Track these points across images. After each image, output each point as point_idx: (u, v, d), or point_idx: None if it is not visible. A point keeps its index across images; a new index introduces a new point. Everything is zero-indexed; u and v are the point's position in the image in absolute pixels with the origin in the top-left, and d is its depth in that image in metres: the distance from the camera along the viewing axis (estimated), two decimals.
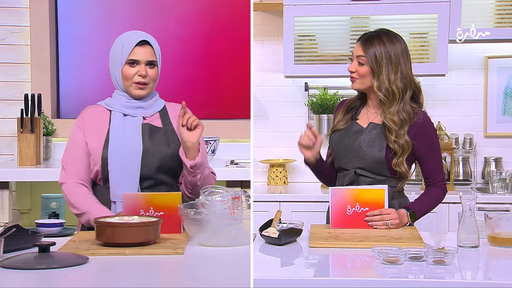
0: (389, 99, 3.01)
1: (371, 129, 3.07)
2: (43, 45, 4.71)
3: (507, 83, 4.57)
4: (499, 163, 4.52)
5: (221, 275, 2.32)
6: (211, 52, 4.78)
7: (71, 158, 3.02)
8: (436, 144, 3.09)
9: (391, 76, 3.01)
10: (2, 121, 4.71)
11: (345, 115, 3.14)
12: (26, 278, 2.20)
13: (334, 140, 3.13)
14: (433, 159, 3.08)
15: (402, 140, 2.99)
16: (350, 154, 3.07)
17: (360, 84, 3.07)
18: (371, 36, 3.07)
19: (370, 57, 3.02)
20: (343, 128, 3.12)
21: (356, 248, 2.67)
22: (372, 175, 3.05)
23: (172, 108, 3.11)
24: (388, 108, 3.01)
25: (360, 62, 3.04)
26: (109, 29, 4.75)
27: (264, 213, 3.85)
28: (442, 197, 3.11)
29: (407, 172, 3.03)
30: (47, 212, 4.15)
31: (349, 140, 3.08)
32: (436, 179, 3.09)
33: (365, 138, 3.06)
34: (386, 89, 3.00)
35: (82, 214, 2.94)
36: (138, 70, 2.98)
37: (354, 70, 3.06)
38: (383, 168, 3.03)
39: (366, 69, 3.03)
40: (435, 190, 3.09)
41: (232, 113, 4.78)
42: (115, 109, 3.04)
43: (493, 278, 2.44)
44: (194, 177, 2.95)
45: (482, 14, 4.32)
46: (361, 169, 3.05)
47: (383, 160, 3.01)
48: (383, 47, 3.02)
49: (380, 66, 3.01)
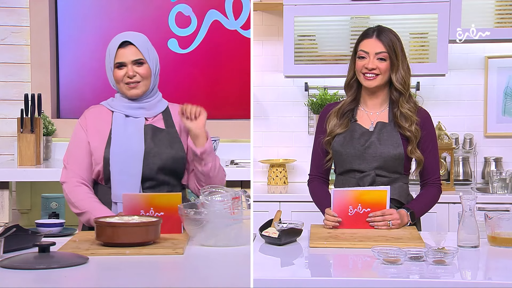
0: (405, 89, 3.06)
1: (380, 128, 3.07)
2: (43, 45, 4.71)
3: (507, 83, 4.57)
4: (499, 163, 4.52)
5: (221, 275, 2.32)
6: (211, 52, 4.78)
7: (73, 157, 3.02)
8: (435, 141, 3.13)
9: (405, 67, 3.06)
10: (2, 121, 4.71)
11: (340, 120, 3.11)
12: (26, 278, 2.20)
13: (338, 144, 3.08)
14: (432, 156, 3.10)
15: (413, 128, 3.02)
16: (365, 155, 3.04)
17: (381, 80, 3.05)
18: (381, 30, 3.07)
19: (391, 51, 3.03)
20: (343, 132, 3.09)
21: (356, 248, 2.67)
22: (388, 174, 3.06)
23: (175, 109, 3.11)
24: (404, 97, 3.05)
25: (382, 58, 3.03)
26: (109, 29, 4.75)
27: (264, 213, 3.84)
28: (438, 196, 3.14)
29: (421, 156, 3.05)
30: (47, 212, 4.15)
31: (358, 142, 3.06)
32: (433, 177, 3.11)
33: (377, 137, 3.05)
34: (403, 80, 3.05)
35: (82, 214, 2.94)
36: (126, 71, 2.99)
37: (374, 67, 3.03)
38: (400, 165, 3.05)
39: (387, 64, 3.04)
40: (432, 190, 3.11)
41: (232, 113, 4.78)
42: (117, 110, 3.04)
43: (493, 278, 2.44)
44: (205, 165, 2.97)
45: (482, 14, 4.33)
46: (379, 169, 3.05)
47: (402, 155, 3.02)
48: (398, 41, 3.06)
49: (398, 59, 3.04)
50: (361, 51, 3.06)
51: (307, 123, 4.66)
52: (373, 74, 3.04)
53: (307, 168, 3.26)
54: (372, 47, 3.04)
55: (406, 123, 3.03)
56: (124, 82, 3.00)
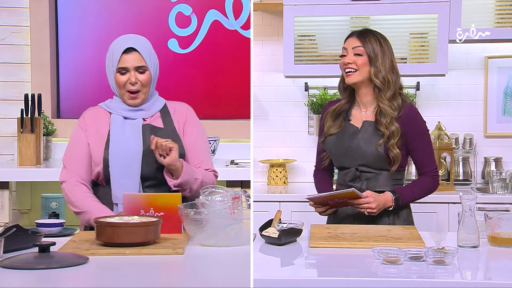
0: (385, 85, 3.10)
1: (366, 127, 3.13)
2: (43, 45, 4.71)
3: (507, 83, 4.57)
4: (499, 163, 4.52)
5: (221, 275, 2.32)
6: (211, 52, 4.77)
7: (72, 157, 3.02)
8: (426, 135, 3.18)
9: (386, 65, 3.11)
10: (2, 121, 4.71)
11: (335, 120, 3.19)
12: (26, 278, 2.20)
13: (331, 143, 3.18)
14: (424, 150, 3.15)
15: (393, 127, 3.07)
16: (351, 154, 3.12)
17: (359, 76, 3.12)
18: (364, 30, 3.19)
19: (368, 47, 3.11)
20: (337, 132, 3.17)
21: (356, 248, 2.67)
22: (373, 170, 3.11)
23: (173, 106, 3.12)
24: (384, 94, 3.10)
25: (358, 53, 3.12)
26: (109, 29, 4.75)
27: (264, 213, 3.84)
28: (432, 186, 3.17)
29: (399, 155, 3.07)
30: (47, 212, 4.15)
31: (346, 141, 3.14)
32: (429, 169, 3.15)
33: (362, 136, 3.12)
34: (383, 76, 3.10)
35: (82, 213, 2.95)
36: (128, 77, 2.99)
37: (351, 61, 3.12)
38: (384, 162, 3.09)
39: (364, 59, 3.11)
40: (426, 179, 3.16)
41: (232, 113, 4.78)
42: (115, 112, 3.04)
43: (493, 278, 2.44)
44: (189, 191, 3.00)
45: (482, 14, 4.32)
46: (363, 166, 3.11)
47: (383, 154, 3.07)
48: (378, 40, 3.13)
49: (376, 56, 3.10)
50: (342, 49, 3.18)
51: (307, 123, 4.66)
52: (351, 69, 3.11)
53: (307, 168, 3.27)
54: (350, 43, 3.15)
55: (384, 119, 3.08)
56: (126, 89, 3.00)
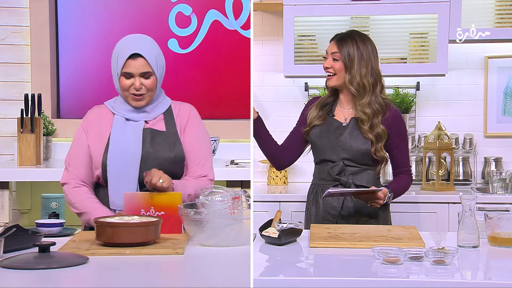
0: (359, 92, 3.22)
1: (353, 124, 3.25)
2: (43, 45, 4.71)
3: (507, 83, 4.57)
4: (499, 163, 4.52)
5: (221, 275, 2.32)
6: (211, 52, 4.77)
7: (74, 159, 3.03)
8: (406, 136, 3.34)
9: (362, 71, 3.21)
10: (2, 121, 4.71)
11: (319, 112, 3.32)
12: (26, 278, 2.20)
13: (315, 135, 3.30)
14: (403, 152, 3.31)
15: (379, 129, 3.21)
16: (336, 147, 3.24)
17: (337, 81, 3.26)
18: (345, 35, 3.29)
19: (343, 53, 3.22)
20: (321, 124, 3.29)
21: (356, 248, 2.68)
22: (358, 165, 3.23)
23: (177, 108, 3.10)
24: (359, 100, 3.22)
25: (335, 59, 3.25)
26: (109, 29, 4.75)
27: (264, 213, 3.85)
28: (411, 183, 3.37)
29: (386, 157, 3.26)
30: (47, 212, 4.15)
31: (332, 135, 3.26)
32: (407, 168, 3.34)
33: (349, 132, 3.24)
34: (358, 83, 3.21)
35: (82, 214, 2.95)
36: (133, 82, 2.98)
37: (329, 66, 3.25)
38: (368, 158, 3.22)
39: (340, 64, 3.23)
40: (405, 177, 3.34)
41: (232, 113, 4.78)
42: (118, 113, 3.03)
43: (493, 278, 2.44)
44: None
45: (482, 14, 4.32)
46: (348, 160, 3.23)
47: (369, 151, 3.20)
48: (356, 45, 3.23)
49: (352, 62, 3.21)
50: (325, 52, 3.32)
51: None
52: (330, 73, 3.27)
53: (307, 168, 3.28)
54: (329, 48, 3.30)
55: (363, 125, 3.21)
56: (130, 92, 2.99)
